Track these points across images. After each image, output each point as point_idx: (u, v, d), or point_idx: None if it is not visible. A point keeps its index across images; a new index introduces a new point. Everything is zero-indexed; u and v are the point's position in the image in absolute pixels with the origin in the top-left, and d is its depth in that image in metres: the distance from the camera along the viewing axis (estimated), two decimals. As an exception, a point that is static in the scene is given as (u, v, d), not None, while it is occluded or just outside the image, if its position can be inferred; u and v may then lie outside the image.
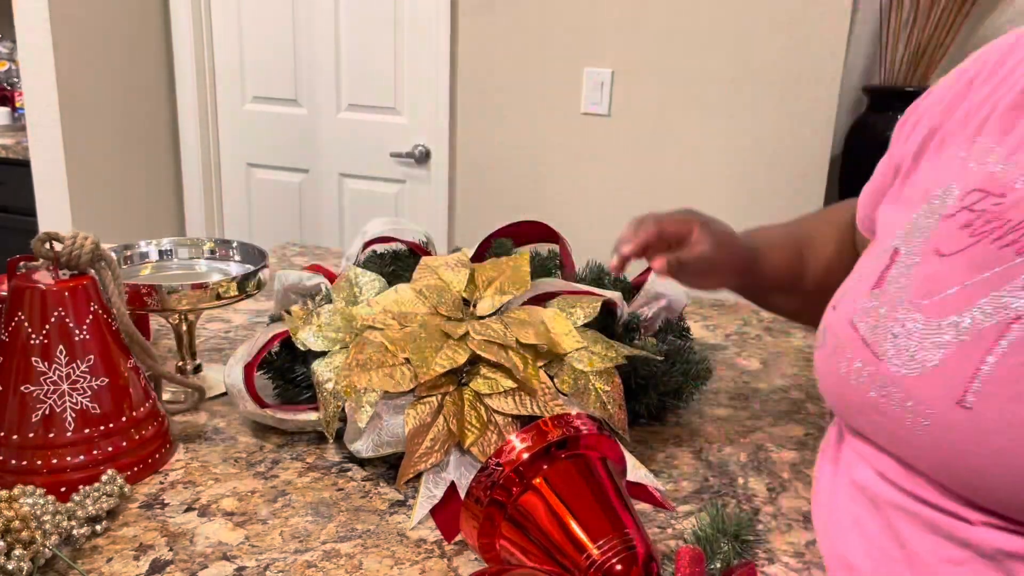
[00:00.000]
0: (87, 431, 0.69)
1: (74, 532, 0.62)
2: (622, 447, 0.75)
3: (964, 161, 0.60)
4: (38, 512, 0.60)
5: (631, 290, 0.97)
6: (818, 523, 0.64)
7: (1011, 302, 0.50)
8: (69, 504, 0.64)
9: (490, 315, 0.82)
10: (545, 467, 0.57)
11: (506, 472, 0.56)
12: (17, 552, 0.56)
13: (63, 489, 0.67)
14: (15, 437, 0.68)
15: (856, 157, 2.18)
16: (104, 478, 0.67)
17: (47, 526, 0.60)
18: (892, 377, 0.55)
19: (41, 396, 0.68)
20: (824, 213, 0.89)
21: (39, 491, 0.62)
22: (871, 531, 0.58)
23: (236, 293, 0.85)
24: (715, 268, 0.77)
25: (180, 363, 0.91)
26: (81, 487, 0.66)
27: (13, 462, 0.68)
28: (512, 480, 0.56)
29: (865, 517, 0.58)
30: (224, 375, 0.83)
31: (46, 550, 0.59)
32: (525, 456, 0.56)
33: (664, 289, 0.95)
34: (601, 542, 0.53)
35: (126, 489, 0.67)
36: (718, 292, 0.90)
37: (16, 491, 0.60)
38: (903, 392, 0.54)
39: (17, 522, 0.57)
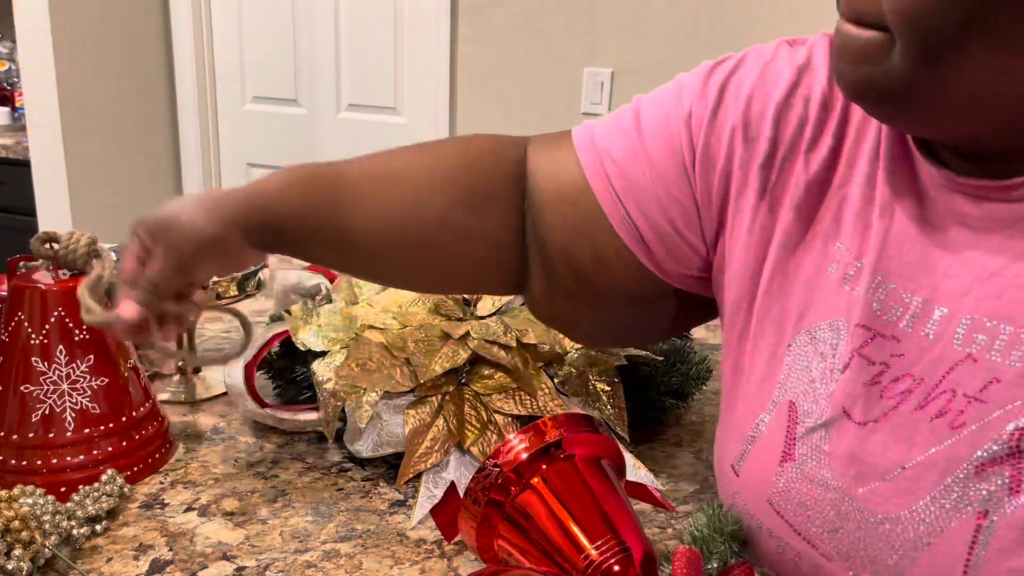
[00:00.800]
0: (87, 431, 0.69)
1: (74, 532, 0.62)
2: (622, 447, 0.75)
3: (830, 275, 0.49)
4: (38, 512, 0.60)
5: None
6: None
7: (969, 491, 0.41)
8: (69, 504, 0.64)
9: (490, 315, 0.82)
10: (544, 467, 0.56)
11: (504, 472, 0.56)
12: (17, 552, 0.56)
13: (63, 489, 0.67)
14: (15, 437, 0.68)
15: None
16: (104, 478, 0.67)
17: (47, 526, 0.60)
18: (816, 559, 0.47)
19: (41, 396, 0.68)
20: (436, 158, 0.64)
21: (39, 491, 0.62)
22: None
23: (236, 293, 0.85)
24: (202, 262, 0.58)
25: (180, 363, 0.91)
26: (81, 487, 0.66)
27: (13, 462, 0.68)
28: (510, 480, 0.56)
29: None
30: (224, 375, 0.83)
31: (46, 550, 0.59)
32: (524, 456, 0.56)
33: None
34: (599, 543, 0.53)
35: (126, 489, 0.67)
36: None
37: (16, 491, 0.60)
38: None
39: (17, 522, 0.57)
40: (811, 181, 0.50)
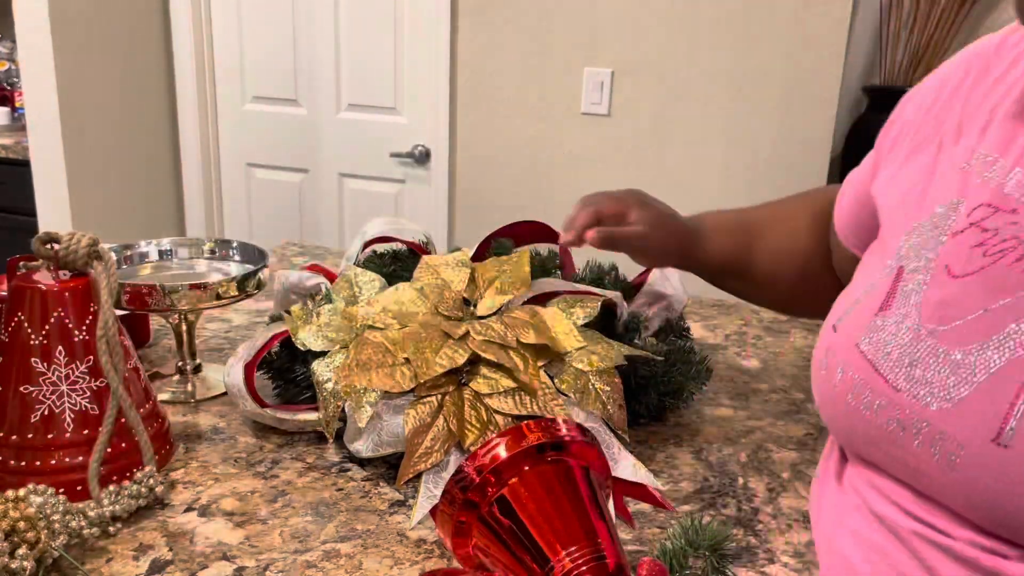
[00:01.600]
0: (86, 432, 0.69)
1: (83, 532, 0.62)
2: (622, 447, 0.75)
3: (965, 172, 0.57)
4: (47, 512, 0.60)
5: (631, 290, 0.97)
6: (825, 545, 0.61)
7: None
8: (80, 504, 0.64)
9: (490, 315, 0.82)
10: (525, 469, 0.56)
11: (484, 474, 0.55)
12: (21, 552, 0.56)
13: (62, 490, 0.67)
14: (14, 437, 0.68)
15: (856, 157, 2.18)
16: (139, 475, 0.67)
17: (56, 526, 0.60)
18: (913, 409, 0.51)
19: (40, 397, 0.68)
20: (792, 200, 0.89)
21: (50, 490, 0.62)
22: (896, 560, 0.54)
23: (236, 293, 0.85)
24: (649, 247, 0.82)
25: (180, 363, 0.91)
26: (109, 486, 0.66)
27: (12, 462, 0.68)
28: (488, 482, 0.55)
29: (888, 548, 0.55)
30: (224, 375, 0.83)
31: (52, 550, 0.59)
32: (502, 458, 0.56)
33: (664, 289, 0.95)
34: (572, 549, 0.52)
35: (158, 490, 0.68)
36: (718, 292, 0.89)
37: (24, 491, 0.60)
38: (928, 427, 0.50)
39: (23, 523, 0.57)
40: (964, 111, 0.59)
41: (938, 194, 0.57)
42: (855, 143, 2.21)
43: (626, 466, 0.75)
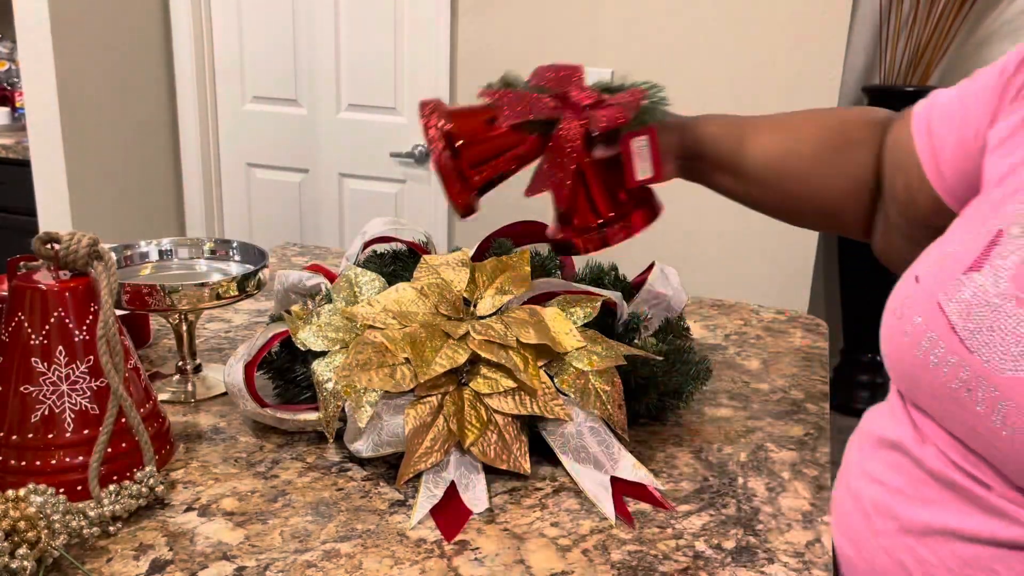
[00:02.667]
0: (86, 432, 0.69)
1: (84, 532, 0.62)
2: (622, 447, 0.75)
3: None
4: (48, 511, 0.60)
5: (631, 290, 0.97)
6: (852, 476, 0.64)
7: None
8: (80, 504, 0.64)
9: (490, 315, 0.82)
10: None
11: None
12: (21, 551, 0.56)
13: (62, 489, 0.67)
14: (15, 437, 0.68)
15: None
16: (139, 475, 0.67)
17: (56, 526, 0.60)
18: (983, 372, 0.51)
19: (40, 396, 0.68)
20: (802, 112, 0.87)
21: (50, 490, 0.62)
22: (928, 496, 0.56)
23: (236, 293, 0.85)
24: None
25: (180, 363, 0.91)
26: (110, 486, 0.66)
27: (12, 462, 0.68)
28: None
29: (924, 487, 0.57)
30: (224, 375, 0.83)
31: (52, 550, 0.59)
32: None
33: (664, 289, 0.95)
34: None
35: (159, 490, 0.68)
36: (718, 292, 0.89)
37: (24, 491, 0.60)
38: (995, 392, 0.50)
39: (23, 523, 0.57)
40: None
41: None
42: (855, 143, 2.21)
43: (626, 466, 0.76)
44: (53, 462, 0.68)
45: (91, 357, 0.69)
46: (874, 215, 0.81)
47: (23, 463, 0.68)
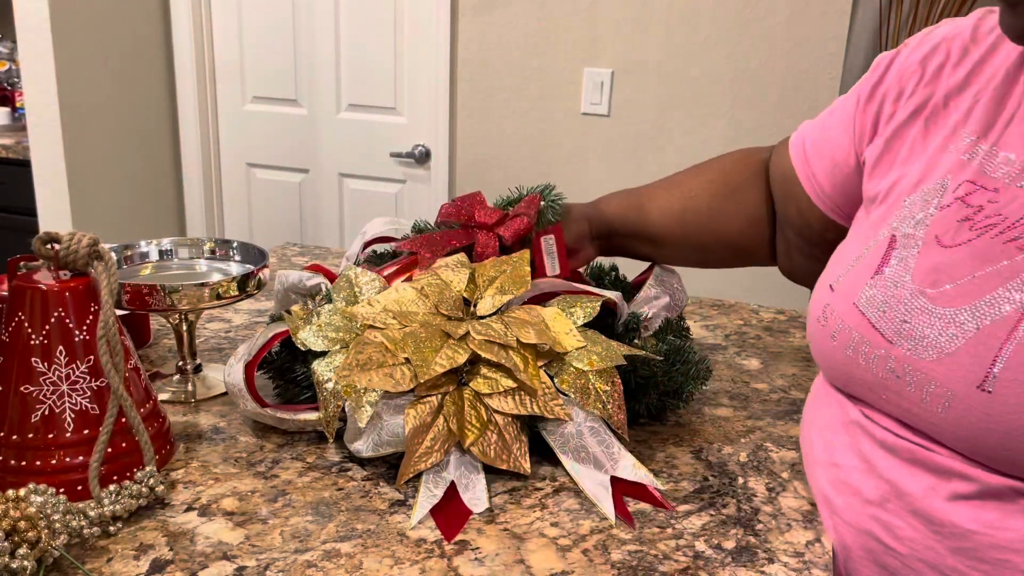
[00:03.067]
0: (86, 431, 0.69)
1: (84, 532, 0.62)
2: (621, 448, 0.75)
3: (952, 152, 0.62)
4: (48, 511, 0.60)
5: (631, 290, 0.97)
6: (816, 447, 0.70)
7: (1018, 296, 0.54)
8: (80, 504, 0.64)
9: (490, 315, 0.82)
10: None
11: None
12: (22, 551, 0.56)
13: (63, 489, 0.67)
14: (15, 437, 0.68)
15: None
16: (139, 475, 0.67)
17: (56, 525, 0.60)
18: (907, 360, 0.57)
19: (41, 396, 0.68)
20: (685, 171, 0.97)
21: (51, 490, 0.62)
22: (884, 467, 0.62)
23: (236, 293, 0.85)
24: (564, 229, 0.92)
25: (180, 363, 0.91)
26: (110, 485, 0.66)
27: (12, 462, 0.68)
28: None
29: (876, 456, 0.62)
30: (224, 375, 0.83)
31: (53, 550, 0.59)
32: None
33: (664, 289, 0.95)
34: None
35: (159, 489, 0.68)
36: (718, 292, 0.90)
37: (24, 491, 0.60)
38: (921, 375, 0.56)
39: (23, 522, 0.57)
40: (948, 93, 0.65)
41: (928, 171, 0.63)
42: (855, 143, 2.21)
43: (626, 466, 0.76)
44: (53, 462, 0.68)
45: (91, 357, 0.69)
46: (773, 243, 0.91)
47: (23, 463, 0.68)
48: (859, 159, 0.73)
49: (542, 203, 0.92)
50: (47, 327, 0.68)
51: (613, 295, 0.87)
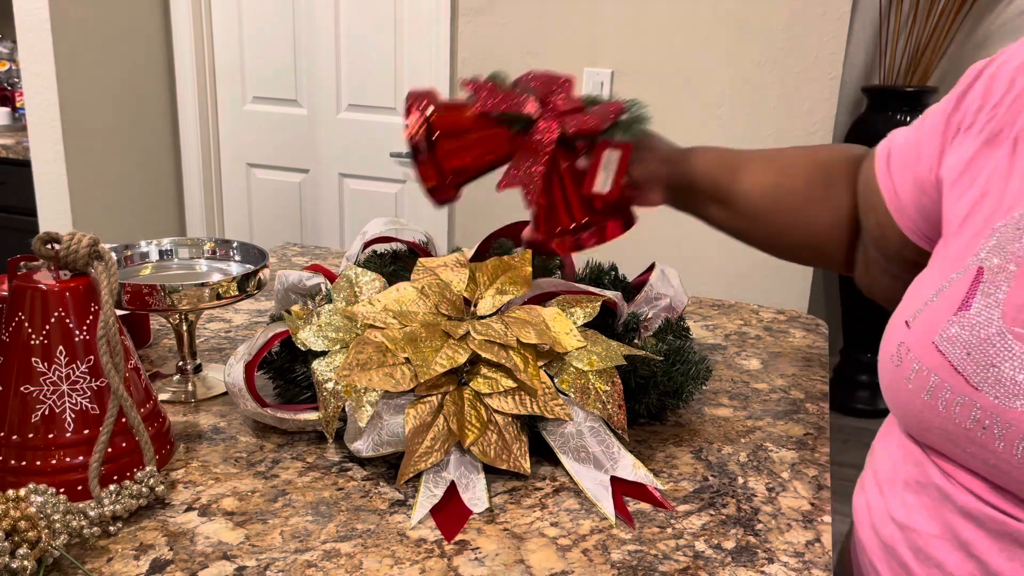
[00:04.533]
0: (86, 431, 0.69)
1: (84, 532, 0.62)
2: (621, 448, 0.75)
3: None
4: (48, 511, 0.60)
5: (631, 290, 0.97)
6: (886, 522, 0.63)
7: None
8: (80, 504, 0.64)
9: (491, 315, 0.82)
10: None
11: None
12: (22, 551, 0.56)
13: (63, 489, 0.67)
14: (15, 437, 0.68)
15: (856, 157, 2.19)
16: (139, 475, 0.67)
17: (56, 525, 0.60)
18: (995, 409, 0.52)
19: (41, 396, 0.68)
20: (792, 148, 0.90)
21: (51, 490, 0.62)
22: (967, 538, 0.56)
23: (236, 293, 0.85)
24: (639, 160, 0.84)
25: (180, 363, 0.91)
26: (110, 485, 0.66)
27: (12, 462, 0.68)
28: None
29: (961, 528, 0.56)
30: (224, 375, 0.83)
31: (53, 549, 0.59)
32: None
33: (664, 289, 0.95)
34: None
35: (159, 489, 0.68)
36: (718, 292, 0.89)
37: (24, 491, 0.60)
38: (1011, 427, 0.51)
39: (23, 522, 0.57)
40: None
41: (1018, 196, 0.56)
42: (855, 143, 2.21)
43: (626, 466, 0.76)
44: (53, 462, 0.68)
45: (91, 357, 0.69)
46: (855, 250, 0.83)
47: (23, 463, 0.68)
48: (939, 177, 0.67)
49: (624, 115, 0.83)
50: (47, 327, 0.68)
51: (613, 295, 0.87)
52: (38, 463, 0.68)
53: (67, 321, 0.68)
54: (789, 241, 0.86)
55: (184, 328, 0.89)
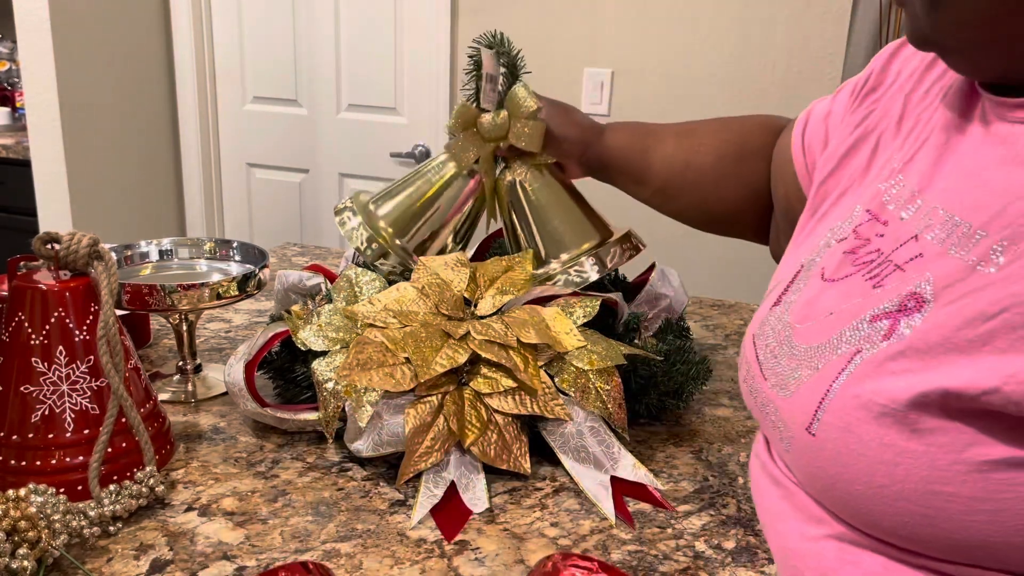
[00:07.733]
0: (86, 431, 0.69)
1: (84, 532, 0.62)
2: (621, 448, 0.75)
3: (871, 177, 0.58)
4: (48, 511, 0.60)
5: (631, 290, 0.97)
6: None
7: (857, 334, 0.50)
8: (80, 504, 0.64)
9: (491, 315, 0.82)
10: None
11: None
12: (22, 551, 0.56)
13: (63, 489, 0.67)
14: (15, 437, 0.68)
15: (856, 157, 2.18)
16: (139, 475, 0.67)
17: (56, 525, 0.60)
18: (769, 396, 0.55)
19: (41, 396, 0.68)
20: (708, 121, 0.90)
21: (51, 490, 0.62)
22: (777, 495, 0.58)
23: (236, 293, 0.85)
24: (553, 136, 0.89)
25: (180, 363, 0.91)
26: (110, 485, 0.66)
27: (12, 462, 0.68)
28: None
29: (771, 488, 0.59)
30: (224, 375, 0.83)
31: (53, 549, 0.59)
32: None
33: (664, 289, 0.95)
34: None
35: (159, 490, 0.68)
36: (718, 292, 0.89)
37: (25, 491, 0.60)
38: (776, 412, 0.55)
39: (23, 522, 0.57)
40: (905, 108, 0.60)
41: (858, 198, 0.59)
42: (855, 143, 2.21)
43: (626, 466, 0.76)
44: (53, 462, 0.68)
45: (91, 357, 0.69)
46: (769, 220, 0.85)
47: (23, 463, 0.68)
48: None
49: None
50: (47, 327, 0.68)
51: (613, 295, 0.87)
52: (38, 463, 0.68)
53: (67, 321, 0.68)
54: (703, 215, 0.88)
55: (184, 328, 0.89)
